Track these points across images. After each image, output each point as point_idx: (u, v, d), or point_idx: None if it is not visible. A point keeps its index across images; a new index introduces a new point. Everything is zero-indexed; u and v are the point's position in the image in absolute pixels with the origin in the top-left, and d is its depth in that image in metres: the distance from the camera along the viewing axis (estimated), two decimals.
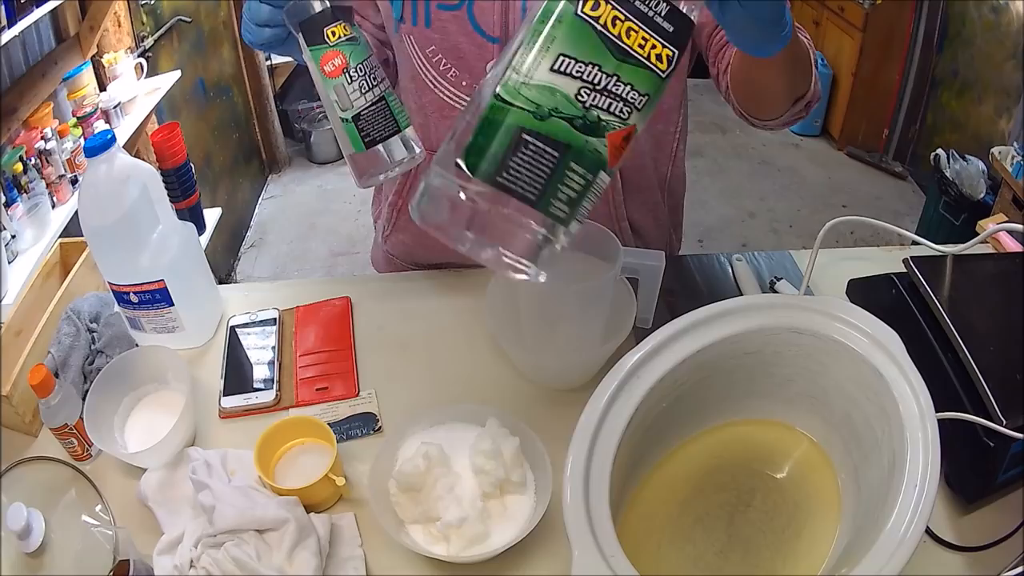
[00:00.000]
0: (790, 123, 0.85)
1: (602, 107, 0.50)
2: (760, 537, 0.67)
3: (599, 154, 0.51)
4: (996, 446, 0.69)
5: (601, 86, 0.50)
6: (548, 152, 0.49)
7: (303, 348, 0.94)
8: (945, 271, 0.89)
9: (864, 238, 2.70)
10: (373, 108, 0.68)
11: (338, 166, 3.49)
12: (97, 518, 0.71)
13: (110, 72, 1.99)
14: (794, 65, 0.76)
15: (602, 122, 0.50)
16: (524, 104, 0.49)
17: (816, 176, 3.39)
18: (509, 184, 0.49)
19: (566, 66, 0.49)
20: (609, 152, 0.51)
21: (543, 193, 0.50)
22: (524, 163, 0.49)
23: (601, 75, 0.50)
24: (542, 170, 0.49)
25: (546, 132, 0.49)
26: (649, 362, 0.67)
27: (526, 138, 0.49)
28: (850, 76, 3.34)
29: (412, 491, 0.72)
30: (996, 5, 2.72)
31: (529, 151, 0.49)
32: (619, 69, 0.50)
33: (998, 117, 2.73)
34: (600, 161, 0.51)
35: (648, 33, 0.50)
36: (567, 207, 0.51)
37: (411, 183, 1.02)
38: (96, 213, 0.82)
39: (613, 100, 0.50)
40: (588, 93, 0.50)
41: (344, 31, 0.67)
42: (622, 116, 0.51)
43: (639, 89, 0.51)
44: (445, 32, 0.86)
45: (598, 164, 0.51)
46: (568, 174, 0.50)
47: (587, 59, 0.49)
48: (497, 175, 0.49)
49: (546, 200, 0.50)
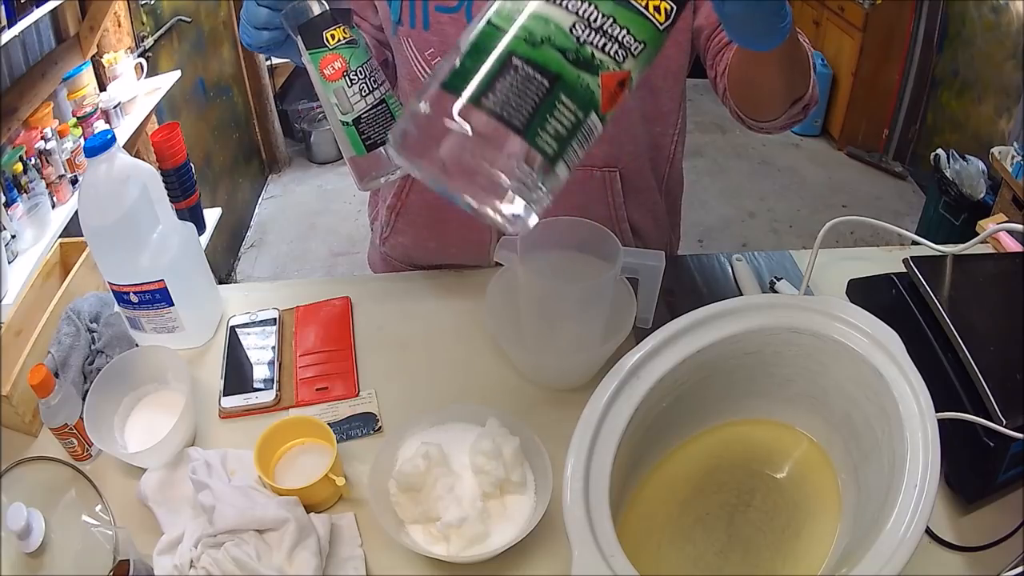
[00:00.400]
0: (788, 126, 0.85)
1: (596, 45, 0.49)
2: (760, 537, 0.67)
3: (591, 93, 0.49)
4: (996, 446, 0.69)
5: (596, 24, 0.49)
6: (538, 79, 0.48)
7: (303, 348, 0.94)
8: (945, 271, 0.89)
9: (864, 238, 2.70)
10: (373, 111, 0.68)
11: (338, 166, 3.49)
12: (97, 518, 0.71)
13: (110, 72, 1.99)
14: (792, 64, 0.76)
15: (596, 59, 0.49)
16: (516, 31, 0.48)
17: (816, 176, 3.39)
18: (496, 108, 0.47)
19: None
20: (602, 94, 0.50)
21: (531, 121, 0.48)
22: (513, 88, 0.47)
23: (597, 13, 0.49)
24: (531, 97, 0.48)
25: (537, 59, 0.48)
26: (649, 362, 0.67)
27: (516, 63, 0.48)
28: (850, 76, 3.34)
29: (412, 491, 0.72)
30: (996, 5, 2.72)
31: (519, 76, 0.48)
32: (615, 11, 0.49)
33: (998, 117, 2.73)
34: (593, 100, 0.50)
35: None
36: (555, 142, 0.49)
37: (409, 187, 1.02)
38: (96, 213, 0.82)
39: (608, 40, 0.49)
40: (583, 28, 0.49)
41: (343, 34, 0.67)
42: (617, 59, 0.50)
43: (635, 35, 0.50)
44: (443, 34, 0.86)
45: (590, 103, 0.50)
46: (558, 106, 0.48)
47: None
48: (483, 98, 0.47)
49: (534, 129, 0.48)
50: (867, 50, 3.25)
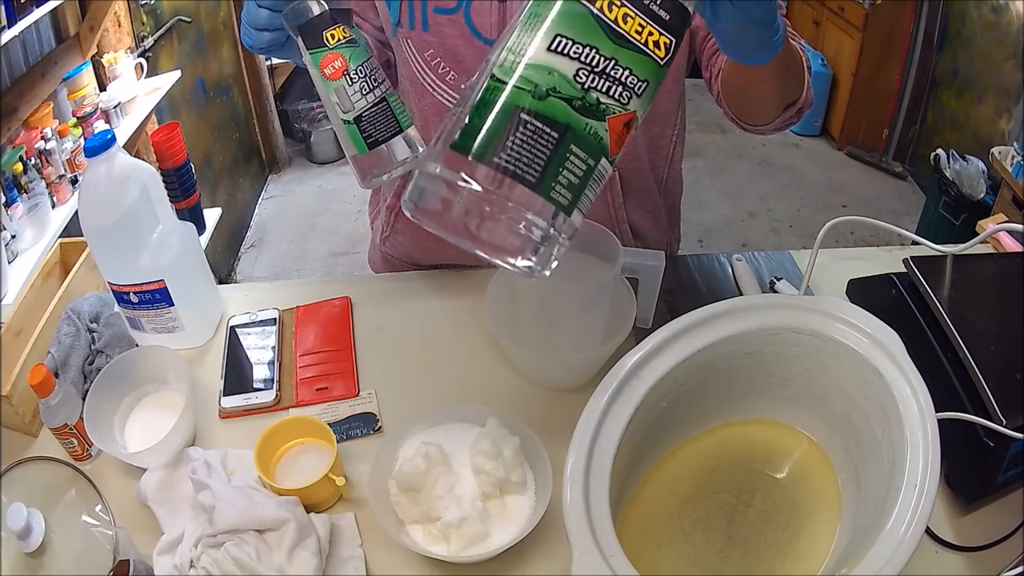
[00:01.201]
0: (781, 129, 0.86)
1: (601, 89, 0.49)
2: (760, 537, 0.67)
3: (600, 139, 0.49)
4: (996, 446, 0.69)
5: (599, 68, 0.48)
6: (548, 133, 0.47)
7: (303, 348, 0.94)
8: (945, 271, 0.89)
9: (864, 238, 2.70)
10: (374, 109, 0.68)
11: (338, 166, 3.49)
12: (97, 518, 0.71)
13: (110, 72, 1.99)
14: (786, 73, 0.76)
15: (602, 105, 0.49)
16: (521, 83, 0.48)
17: (816, 176, 3.39)
18: (508, 166, 0.47)
19: (563, 47, 0.48)
20: (610, 138, 0.50)
21: (544, 176, 0.48)
22: (524, 144, 0.47)
23: (599, 57, 0.48)
24: (542, 151, 0.47)
25: (545, 112, 0.47)
26: (649, 362, 0.67)
27: (524, 118, 0.47)
28: (850, 76, 3.34)
29: (412, 491, 0.72)
30: (996, 5, 2.72)
31: (528, 131, 0.47)
32: (617, 53, 0.49)
33: (998, 117, 2.73)
34: (602, 147, 0.50)
35: (645, 20, 0.50)
36: (569, 193, 0.49)
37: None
38: (96, 213, 0.82)
39: (612, 83, 0.49)
40: (586, 75, 0.48)
41: (343, 33, 0.67)
42: (622, 100, 0.50)
43: (637, 74, 0.50)
44: (442, 36, 0.86)
45: (600, 150, 0.50)
46: (569, 157, 0.48)
47: (584, 41, 0.48)
48: (495, 156, 0.47)
49: (547, 183, 0.48)
50: (867, 50, 3.24)
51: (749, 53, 0.62)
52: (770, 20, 0.59)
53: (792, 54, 0.75)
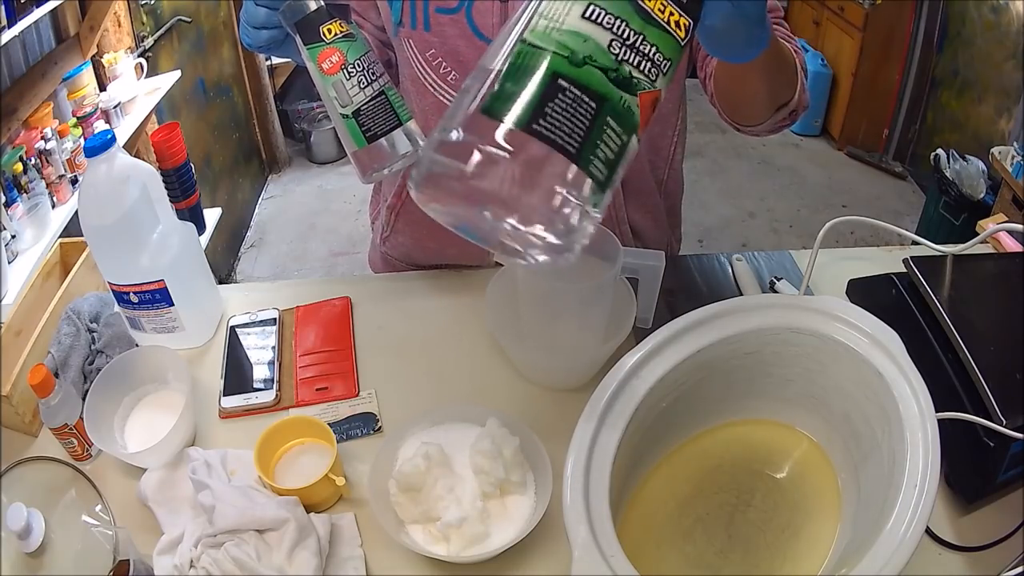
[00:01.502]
0: (775, 130, 0.86)
1: (632, 63, 0.47)
2: (760, 537, 0.67)
3: (632, 113, 0.48)
4: (996, 446, 0.69)
5: (630, 42, 0.47)
6: (586, 102, 0.46)
7: (303, 348, 0.94)
8: (945, 271, 0.89)
9: (864, 238, 2.70)
10: (373, 103, 0.68)
11: (338, 166, 3.49)
12: (97, 518, 0.71)
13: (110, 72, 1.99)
14: (775, 73, 0.76)
15: (634, 79, 0.48)
16: (559, 48, 0.46)
17: (816, 176, 3.39)
18: (548, 133, 0.44)
19: (597, 15, 0.47)
20: (640, 114, 0.48)
21: (584, 147, 0.45)
22: (564, 112, 0.45)
23: (630, 31, 0.47)
24: (582, 121, 0.45)
25: (583, 80, 0.46)
26: (649, 362, 0.67)
27: (563, 84, 0.45)
28: (850, 76, 3.34)
29: (412, 491, 0.72)
30: (996, 5, 2.72)
31: (567, 98, 0.45)
32: (644, 28, 0.48)
33: (998, 117, 2.73)
34: (634, 121, 0.48)
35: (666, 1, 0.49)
36: (605, 168, 0.47)
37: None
38: (96, 213, 0.82)
39: (642, 58, 0.48)
40: (619, 46, 0.47)
41: (340, 28, 0.68)
42: (650, 77, 0.48)
43: (663, 52, 0.49)
44: (444, 35, 0.86)
45: (632, 125, 0.48)
46: (607, 130, 0.46)
47: (616, 13, 0.47)
48: (533, 122, 0.44)
49: (587, 155, 0.45)
50: (867, 50, 3.24)
51: (736, 50, 0.61)
52: (760, 16, 0.58)
53: (782, 54, 0.75)
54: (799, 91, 0.81)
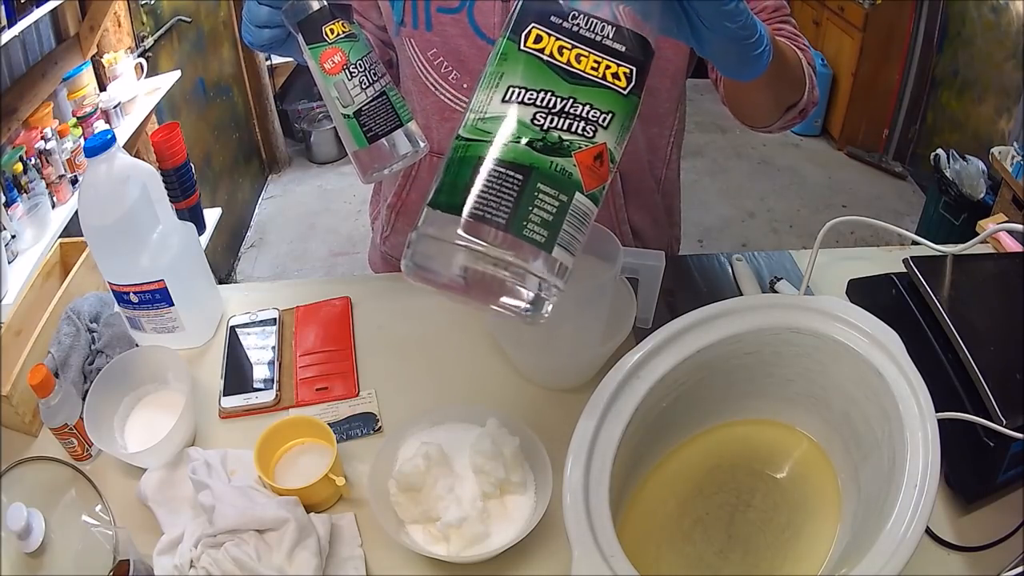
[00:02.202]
0: (786, 128, 0.87)
1: (562, 128, 0.50)
2: (760, 537, 0.67)
3: (569, 175, 0.50)
4: (996, 446, 0.69)
5: (557, 109, 0.50)
6: (512, 176, 0.49)
7: (303, 348, 0.94)
8: (945, 271, 0.90)
9: (864, 238, 2.70)
10: (374, 103, 0.69)
11: (338, 166, 3.49)
12: (97, 518, 0.71)
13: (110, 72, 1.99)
14: (780, 81, 0.78)
15: (564, 142, 0.50)
16: (481, 136, 0.50)
17: (816, 176, 3.39)
18: (480, 212, 0.49)
19: (516, 95, 0.50)
20: (581, 172, 0.51)
21: (514, 215, 0.49)
22: (491, 189, 0.49)
23: (555, 99, 0.50)
24: (510, 193, 0.49)
25: (507, 157, 0.49)
26: (649, 362, 0.67)
27: (489, 166, 0.49)
28: (850, 76, 3.34)
29: (412, 491, 0.72)
30: (996, 5, 2.72)
31: (494, 177, 0.49)
32: (574, 92, 0.50)
33: (998, 117, 2.73)
34: (572, 182, 0.50)
35: (600, 56, 0.51)
36: (544, 230, 0.50)
37: (410, 184, 1.02)
38: (96, 213, 0.82)
39: (572, 120, 0.50)
40: (544, 116, 0.50)
41: (342, 28, 0.68)
42: (587, 135, 0.51)
43: (600, 108, 0.51)
44: (445, 35, 0.86)
45: (570, 185, 0.50)
46: (538, 196, 0.49)
47: (538, 87, 0.50)
48: (469, 206, 0.49)
49: (519, 222, 0.49)
50: (867, 50, 3.24)
51: (741, 71, 0.63)
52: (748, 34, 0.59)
53: (786, 62, 0.76)
54: (807, 91, 0.82)
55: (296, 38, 0.69)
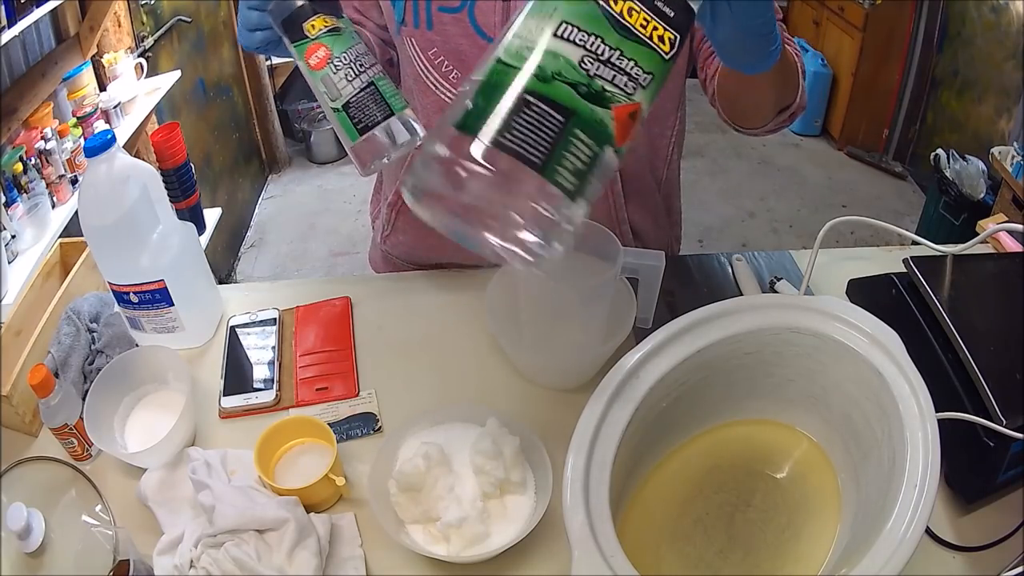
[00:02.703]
0: (774, 131, 0.87)
1: (606, 78, 0.49)
2: (760, 537, 0.67)
3: (605, 126, 0.49)
4: (996, 446, 0.69)
5: (605, 57, 0.49)
6: (552, 115, 0.48)
7: (303, 348, 0.94)
8: (945, 271, 0.90)
9: (864, 238, 2.70)
10: (362, 94, 0.68)
11: (338, 166, 3.49)
12: (97, 518, 0.71)
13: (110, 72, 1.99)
14: (783, 80, 0.77)
15: (607, 92, 0.49)
16: (527, 67, 0.48)
17: (816, 176, 3.39)
18: (513, 146, 0.47)
19: (569, 33, 0.49)
20: (616, 127, 0.50)
21: (549, 158, 0.47)
22: (529, 125, 0.47)
23: (604, 47, 0.49)
24: (547, 134, 0.48)
25: (550, 95, 0.48)
26: (649, 362, 0.67)
27: (529, 99, 0.48)
28: (850, 76, 3.34)
29: (412, 491, 0.72)
30: (996, 5, 2.72)
31: (533, 112, 0.48)
32: (622, 44, 0.49)
33: (998, 117, 2.73)
34: (607, 134, 0.50)
35: (649, 15, 0.50)
36: (574, 178, 0.49)
37: None
38: (96, 213, 0.82)
39: (617, 72, 0.49)
40: (592, 62, 0.49)
41: (324, 23, 0.68)
42: (627, 91, 0.50)
43: (643, 66, 0.50)
44: (446, 34, 0.86)
45: (604, 137, 0.50)
46: (574, 141, 0.48)
47: (590, 30, 0.49)
48: (499, 136, 0.47)
49: (552, 166, 0.48)
50: (867, 50, 3.24)
51: (747, 62, 0.63)
52: (767, 30, 0.59)
53: (788, 61, 0.76)
54: (799, 93, 0.82)
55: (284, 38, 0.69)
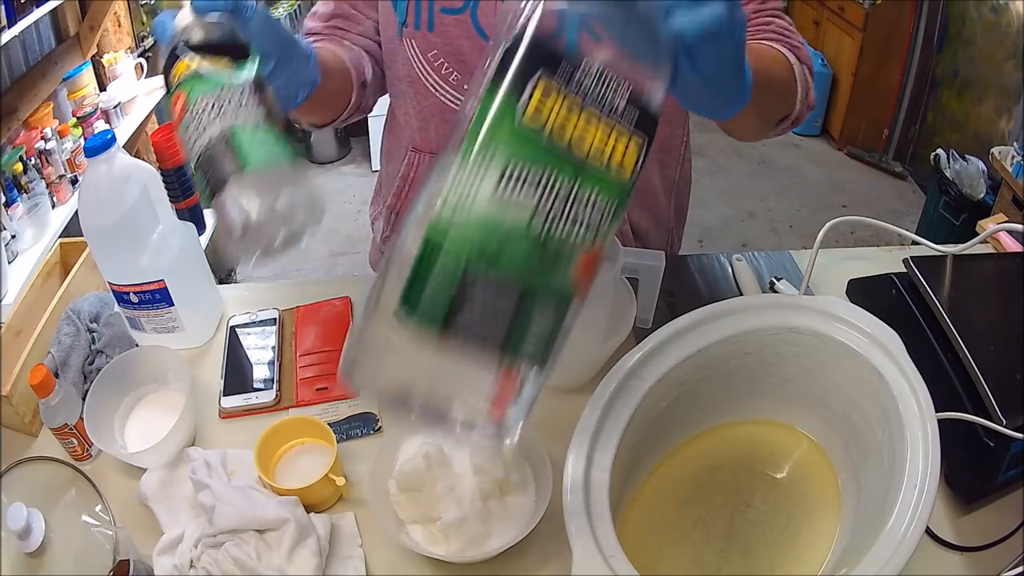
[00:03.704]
0: (778, 136, 0.84)
1: (562, 235, 0.41)
2: (760, 537, 0.67)
3: (566, 290, 0.42)
4: (996, 446, 0.69)
5: (559, 211, 0.41)
6: (506, 293, 0.40)
7: (303, 348, 0.94)
8: (945, 271, 0.89)
9: (864, 238, 2.70)
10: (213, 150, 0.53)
11: (338, 166, 3.49)
12: (97, 518, 0.71)
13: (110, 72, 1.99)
14: (765, 104, 0.73)
15: (564, 253, 0.41)
16: (464, 233, 0.40)
17: (816, 176, 3.39)
18: (462, 333, 0.40)
19: (513, 187, 0.40)
20: (578, 282, 0.42)
21: (505, 340, 0.41)
22: (481, 308, 0.40)
23: (557, 196, 0.40)
24: (499, 317, 0.41)
25: (498, 275, 0.40)
26: (649, 362, 0.67)
27: (477, 279, 0.40)
28: (850, 76, 3.34)
29: (412, 491, 0.72)
30: (996, 5, 2.72)
31: (485, 293, 0.40)
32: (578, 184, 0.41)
33: (998, 117, 2.73)
34: (567, 292, 0.42)
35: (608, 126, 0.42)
36: (535, 349, 0.42)
37: (409, 187, 1.02)
38: (96, 213, 0.82)
39: (574, 224, 0.41)
40: (543, 221, 0.40)
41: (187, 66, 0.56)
42: (587, 239, 0.42)
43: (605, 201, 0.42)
44: (447, 36, 0.86)
45: (566, 299, 0.42)
46: (533, 316, 0.41)
47: (538, 177, 0.40)
48: (450, 323, 0.40)
49: (513, 346, 0.41)
50: (867, 50, 3.24)
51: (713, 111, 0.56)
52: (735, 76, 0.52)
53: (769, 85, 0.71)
54: (799, 99, 0.79)
55: None
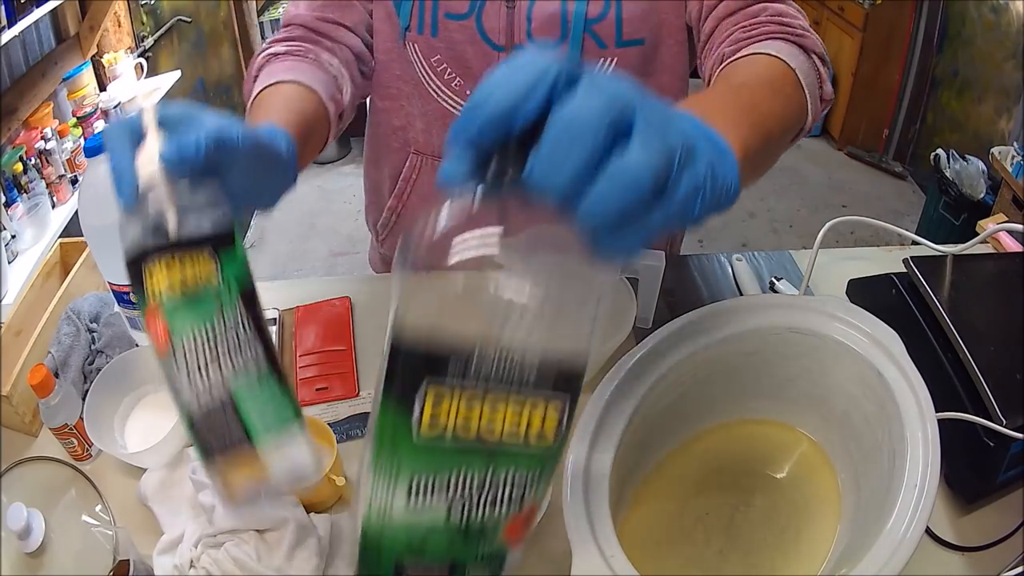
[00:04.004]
0: None
1: (484, 517, 0.42)
2: (760, 537, 0.67)
3: (498, 552, 0.43)
4: (996, 446, 0.69)
5: (476, 499, 0.41)
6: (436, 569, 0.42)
7: (303, 348, 0.94)
8: (945, 271, 0.89)
9: (864, 238, 2.70)
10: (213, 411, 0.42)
11: (338, 166, 3.49)
12: (97, 518, 0.71)
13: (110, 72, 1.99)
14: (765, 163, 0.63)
15: (488, 528, 0.42)
16: (393, 534, 0.41)
17: (816, 176, 3.39)
18: None
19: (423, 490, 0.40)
20: (511, 541, 0.43)
21: None
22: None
23: (471, 487, 0.41)
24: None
25: (427, 561, 0.42)
26: (649, 362, 0.67)
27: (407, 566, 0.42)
28: (850, 76, 3.34)
29: None
30: (996, 5, 2.72)
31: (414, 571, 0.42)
32: (492, 470, 0.41)
33: (998, 117, 2.73)
34: (500, 554, 0.44)
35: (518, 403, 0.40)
36: None
37: (410, 190, 1.01)
38: (96, 213, 0.82)
39: (495, 504, 0.42)
40: (460, 511, 0.41)
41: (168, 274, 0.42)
42: (514, 507, 0.42)
43: (528, 471, 0.42)
44: (451, 41, 0.86)
45: (500, 558, 0.44)
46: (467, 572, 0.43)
47: (447, 475, 0.40)
48: None
49: None
50: (867, 50, 3.25)
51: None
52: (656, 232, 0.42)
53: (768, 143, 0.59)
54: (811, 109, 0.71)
55: None
